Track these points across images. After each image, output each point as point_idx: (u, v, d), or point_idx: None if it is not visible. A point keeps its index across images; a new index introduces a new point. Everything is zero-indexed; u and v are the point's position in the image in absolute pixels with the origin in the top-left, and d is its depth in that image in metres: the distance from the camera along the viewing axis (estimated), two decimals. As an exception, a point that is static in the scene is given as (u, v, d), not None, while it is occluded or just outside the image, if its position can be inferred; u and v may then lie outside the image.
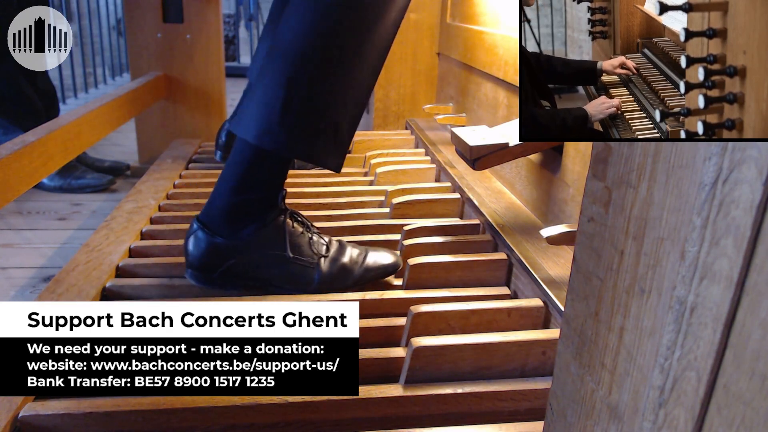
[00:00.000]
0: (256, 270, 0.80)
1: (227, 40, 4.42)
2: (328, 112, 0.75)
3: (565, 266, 0.80)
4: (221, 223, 0.79)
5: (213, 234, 0.79)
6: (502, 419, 0.64)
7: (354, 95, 0.76)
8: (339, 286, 0.81)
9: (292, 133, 0.74)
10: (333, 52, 0.73)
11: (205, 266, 0.80)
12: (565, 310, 0.42)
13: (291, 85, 0.72)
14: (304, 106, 0.73)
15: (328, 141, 0.76)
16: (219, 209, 0.79)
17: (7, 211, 1.51)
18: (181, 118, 1.85)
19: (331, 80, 0.74)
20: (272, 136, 0.73)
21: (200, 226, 0.80)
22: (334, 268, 0.82)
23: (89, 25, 3.44)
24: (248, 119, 0.75)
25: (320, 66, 0.73)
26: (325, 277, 0.81)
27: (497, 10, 1.25)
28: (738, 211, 0.25)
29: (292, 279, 0.80)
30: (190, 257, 0.81)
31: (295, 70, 0.72)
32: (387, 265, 0.85)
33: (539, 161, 0.99)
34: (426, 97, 1.76)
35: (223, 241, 0.79)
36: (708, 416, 0.27)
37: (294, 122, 0.73)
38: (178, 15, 1.76)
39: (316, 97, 0.74)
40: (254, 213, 0.79)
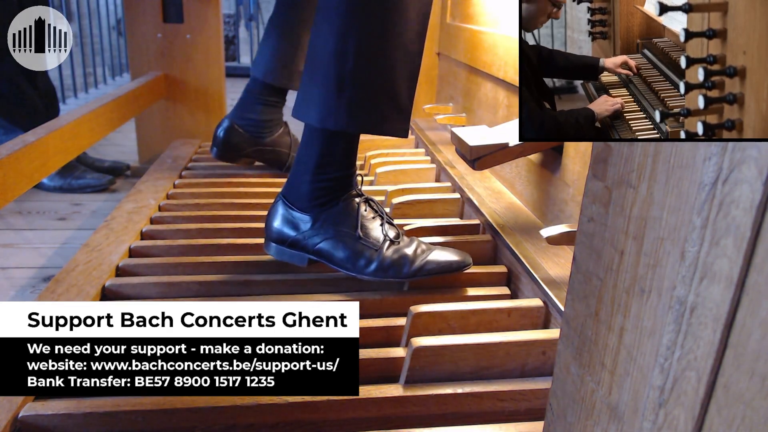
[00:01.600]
0: (323, 244, 0.83)
1: (227, 40, 4.42)
2: (381, 80, 0.77)
3: (565, 266, 0.80)
4: (301, 200, 0.84)
5: (292, 208, 0.84)
6: (502, 419, 0.64)
7: (403, 58, 0.77)
8: (394, 274, 0.81)
9: (352, 109, 0.76)
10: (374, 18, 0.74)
11: (278, 237, 0.85)
12: (565, 310, 0.42)
13: (339, 61, 0.74)
14: (356, 79, 0.75)
15: (388, 109, 0.78)
16: (299, 189, 0.84)
17: (7, 211, 1.51)
18: (181, 118, 1.85)
19: (377, 46, 0.75)
20: (334, 116, 0.77)
21: (282, 199, 0.86)
22: (395, 256, 0.81)
23: (89, 25, 3.44)
24: (308, 103, 0.79)
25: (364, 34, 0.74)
26: (384, 261, 0.81)
27: (497, 10, 1.25)
28: (738, 211, 0.25)
29: (352, 258, 0.81)
30: (267, 229, 0.87)
31: (340, 45, 0.74)
32: (451, 261, 0.82)
33: (539, 161, 0.99)
34: (426, 97, 1.76)
35: (300, 215, 0.84)
36: (708, 416, 0.28)
37: (351, 97, 0.76)
38: (178, 15, 1.76)
39: (366, 63, 0.75)
40: (332, 192, 0.83)
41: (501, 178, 1.16)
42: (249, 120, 1.30)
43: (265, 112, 1.31)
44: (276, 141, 1.33)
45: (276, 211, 0.86)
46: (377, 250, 0.81)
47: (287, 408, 0.62)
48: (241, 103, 1.32)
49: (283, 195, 0.86)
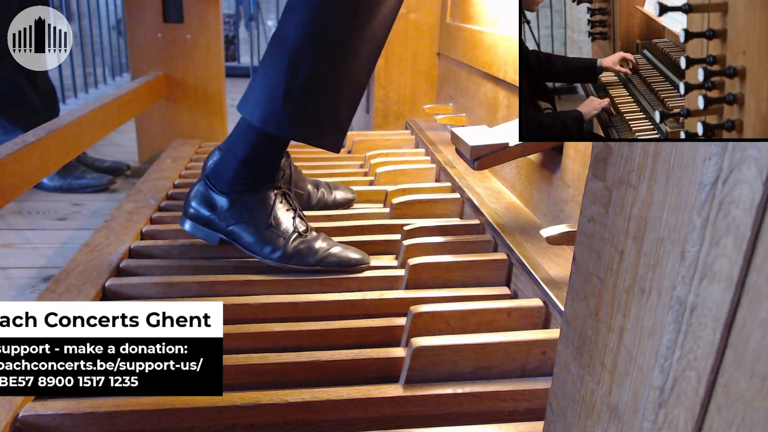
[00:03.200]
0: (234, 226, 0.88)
1: (227, 40, 4.42)
2: (326, 99, 0.83)
3: (565, 266, 0.80)
4: (222, 184, 0.89)
5: (212, 188, 0.89)
6: (502, 419, 0.64)
7: (351, 83, 0.84)
8: (297, 263, 0.87)
9: (294, 119, 0.82)
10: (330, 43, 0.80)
11: (193, 215, 0.91)
12: (565, 310, 0.42)
13: (292, 74, 0.80)
14: (304, 94, 0.81)
15: (327, 126, 0.85)
16: (223, 174, 0.88)
17: (7, 211, 1.51)
18: (181, 118, 1.85)
19: (329, 69, 0.81)
20: (276, 121, 0.82)
21: (204, 178, 0.91)
22: (301, 246, 0.87)
23: (89, 25, 3.44)
24: (253, 103, 0.84)
25: (318, 56, 0.80)
26: (289, 249, 0.86)
27: (497, 10, 1.25)
28: (738, 211, 0.25)
29: (261, 243, 0.87)
30: (186, 204, 0.92)
31: (295, 60, 0.80)
32: (350, 258, 0.88)
33: (539, 161, 0.99)
34: (426, 97, 1.76)
35: (218, 197, 0.89)
36: (708, 416, 0.28)
37: (296, 108, 0.81)
38: (178, 15, 1.76)
39: (315, 85, 0.81)
40: (253, 183, 0.88)
41: (501, 178, 1.16)
42: None
43: None
44: None
45: (197, 190, 0.91)
46: (285, 240, 0.87)
47: (287, 408, 0.62)
48: None
49: (206, 176, 0.91)
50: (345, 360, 0.68)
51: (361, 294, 0.81)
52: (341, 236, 1.00)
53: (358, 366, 0.69)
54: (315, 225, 1.03)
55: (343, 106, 0.85)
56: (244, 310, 0.79)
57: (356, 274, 0.88)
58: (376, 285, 0.87)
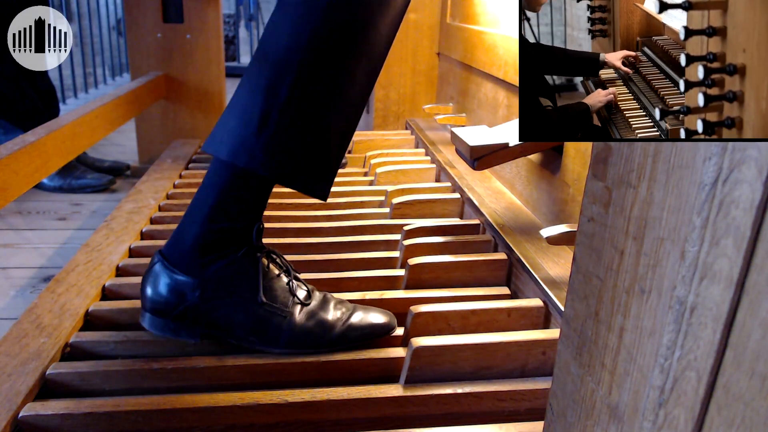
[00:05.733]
0: (218, 313, 0.67)
1: (227, 40, 4.42)
2: (312, 127, 0.64)
3: (565, 266, 0.80)
4: (186, 257, 0.67)
5: (173, 269, 0.67)
6: (502, 419, 0.64)
7: (343, 110, 0.66)
8: (311, 344, 0.69)
9: (271, 150, 0.63)
10: (321, 60, 0.63)
11: (160, 308, 0.67)
12: (565, 310, 0.41)
13: (270, 93, 0.62)
14: (285, 118, 0.62)
15: (312, 163, 0.65)
16: (185, 241, 0.67)
17: (7, 211, 1.51)
18: (181, 118, 1.85)
19: (317, 89, 0.63)
20: (247, 152, 0.62)
21: (160, 259, 0.68)
22: (311, 323, 0.69)
23: (89, 25, 3.44)
24: (221, 133, 0.64)
25: (306, 71, 0.62)
26: (297, 331, 0.68)
27: (497, 10, 1.25)
28: (738, 211, 0.25)
29: (257, 329, 0.68)
30: (145, 297, 0.68)
31: (276, 76, 0.62)
32: (375, 325, 0.71)
33: (539, 161, 0.99)
34: (426, 97, 1.76)
35: (186, 279, 0.67)
36: (708, 416, 0.27)
37: (273, 136, 0.62)
38: (178, 15, 1.76)
39: (299, 108, 0.63)
40: (225, 247, 0.67)
41: (501, 178, 1.16)
42: None
43: None
44: None
45: (153, 275, 0.68)
46: (285, 317, 0.68)
47: (287, 408, 0.62)
48: None
49: (161, 253, 0.69)
50: (345, 360, 0.68)
51: (361, 294, 0.81)
52: (341, 236, 1.00)
53: (358, 366, 0.69)
54: (315, 225, 1.03)
55: (333, 138, 0.66)
56: (244, 310, 0.79)
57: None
58: (376, 285, 0.86)
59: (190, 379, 0.66)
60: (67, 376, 0.65)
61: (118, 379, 0.65)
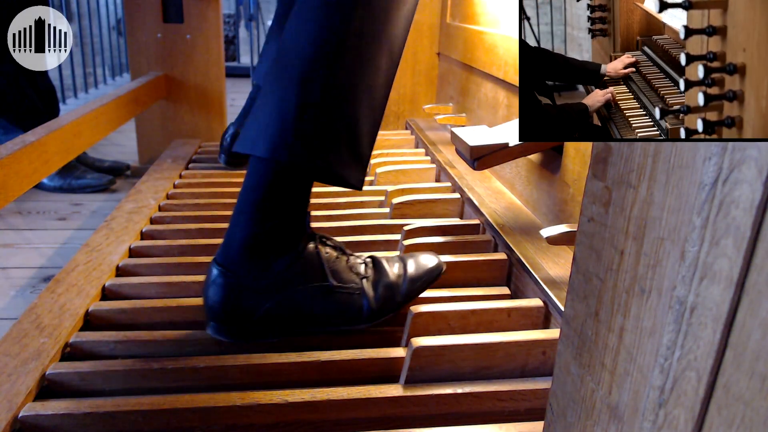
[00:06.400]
0: (298, 309, 0.70)
1: (227, 40, 4.42)
2: (344, 118, 0.67)
3: (565, 266, 0.80)
4: (246, 261, 0.68)
5: (238, 276, 0.68)
6: (502, 419, 0.64)
7: (370, 99, 0.69)
8: (389, 308, 0.74)
9: (309, 143, 0.65)
10: (346, 52, 0.65)
11: (234, 317, 0.69)
12: (565, 310, 0.41)
13: (304, 90, 0.64)
14: (319, 112, 0.65)
15: (347, 153, 0.68)
16: (241, 246, 0.68)
17: (7, 211, 1.51)
18: (181, 118, 1.85)
19: (346, 82, 0.66)
20: (288, 147, 0.64)
21: (221, 270, 0.68)
22: (380, 290, 0.73)
23: (89, 25, 3.44)
24: (257, 133, 0.66)
25: (334, 67, 0.65)
26: (372, 302, 0.72)
27: (497, 10, 1.25)
28: (738, 211, 0.25)
29: (338, 311, 0.71)
30: (212, 309, 0.69)
31: (307, 73, 0.65)
32: (431, 269, 0.77)
33: (539, 161, 0.99)
34: (426, 97, 1.76)
35: (254, 283, 0.68)
36: (708, 416, 0.27)
37: (310, 130, 0.65)
38: (178, 15, 1.76)
39: (331, 101, 0.66)
40: (283, 243, 0.69)
41: (501, 178, 1.16)
42: None
43: None
44: None
45: (218, 286, 0.68)
46: (360, 294, 0.72)
47: (287, 408, 0.62)
48: (245, 111, 1.34)
49: (221, 263, 0.69)
50: (345, 360, 0.68)
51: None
52: (341, 236, 1.00)
53: (358, 366, 0.68)
54: (315, 225, 1.03)
55: (363, 128, 0.69)
56: (244, 310, 0.79)
57: None
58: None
59: (190, 379, 0.66)
60: (67, 376, 0.65)
61: (118, 379, 0.65)
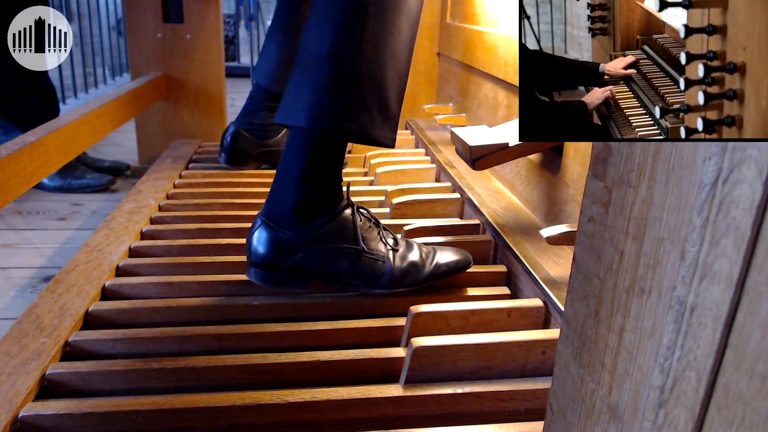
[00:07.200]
0: (325, 264, 0.77)
1: (227, 40, 4.42)
2: (373, 84, 0.73)
3: (565, 266, 0.80)
4: (289, 217, 0.77)
5: (280, 229, 0.77)
6: (502, 419, 0.64)
7: (395, 66, 0.75)
8: (409, 283, 0.79)
9: (344, 110, 0.72)
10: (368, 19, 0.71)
11: (270, 263, 0.77)
12: (565, 310, 0.41)
13: (335, 58, 0.71)
14: (350, 82, 0.72)
15: (378, 116, 0.75)
16: (285, 204, 0.76)
17: (7, 211, 1.51)
18: (181, 118, 1.85)
19: (371, 50, 0.72)
20: (325, 116, 0.72)
21: (264, 221, 0.78)
22: (405, 264, 0.79)
23: (89, 25, 3.44)
24: (296, 105, 0.74)
25: (359, 37, 0.71)
26: (396, 272, 0.78)
27: (497, 10, 1.25)
28: (738, 211, 0.25)
29: (361, 274, 0.78)
30: (254, 256, 0.78)
31: (338, 41, 0.71)
32: (459, 261, 0.82)
33: (539, 161, 0.99)
34: (426, 97, 1.76)
35: (291, 236, 0.77)
36: (708, 416, 0.27)
37: (343, 98, 0.72)
38: (178, 15, 1.76)
39: (360, 70, 0.72)
40: (323, 204, 0.77)
41: (501, 178, 1.16)
42: (254, 125, 1.34)
43: (269, 117, 1.34)
44: (281, 141, 1.35)
45: (261, 236, 0.78)
46: (384, 262, 0.78)
47: (287, 408, 0.62)
48: (245, 110, 1.35)
49: (265, 216, 0.78)
50: (345, 360, 0.68)
51: (362, 293, 0.81)
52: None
53: (358, 366, 0.68)
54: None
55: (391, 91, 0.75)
56: (244, 310, 0.79)
57: None
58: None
59: (190, 379, 0.66)
60: (67, 376, 0.65)
61: (118, 378, 0.65)
